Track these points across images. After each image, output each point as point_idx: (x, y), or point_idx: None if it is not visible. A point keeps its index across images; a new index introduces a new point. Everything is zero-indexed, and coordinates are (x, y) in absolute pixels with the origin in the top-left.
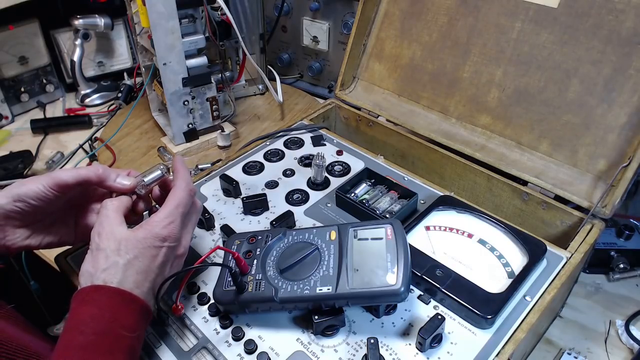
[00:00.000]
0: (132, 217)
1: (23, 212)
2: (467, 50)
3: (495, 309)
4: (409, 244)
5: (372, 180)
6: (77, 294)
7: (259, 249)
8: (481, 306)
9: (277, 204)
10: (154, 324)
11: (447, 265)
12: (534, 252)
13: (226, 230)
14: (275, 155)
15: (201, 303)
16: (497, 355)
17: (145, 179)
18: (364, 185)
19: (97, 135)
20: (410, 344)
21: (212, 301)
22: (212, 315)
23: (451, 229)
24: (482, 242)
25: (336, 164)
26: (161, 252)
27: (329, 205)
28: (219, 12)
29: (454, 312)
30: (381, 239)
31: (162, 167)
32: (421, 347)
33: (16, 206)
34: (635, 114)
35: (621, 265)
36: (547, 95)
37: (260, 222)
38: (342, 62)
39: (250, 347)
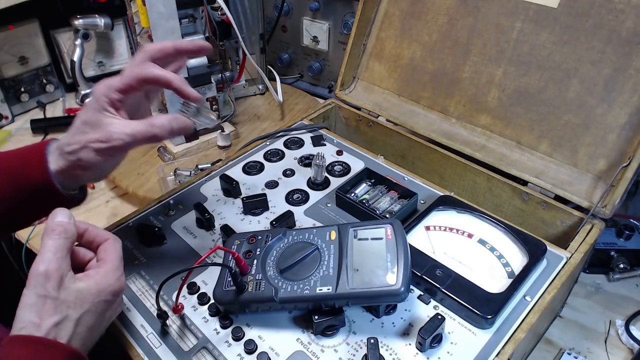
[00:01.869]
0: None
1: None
2: (467, 50)
3: (495, 309)
4: (409, 244)
5: (372, 180)
6: (5, 341)
7: (259, 249)
8: (481, 306)
9: (277, 204)
10: (154, 324)
11: (447, 265)
12: (534, 252)
13: (226, 230)
14: (275, 155)
15: (201, 303)
16: (497, 355)
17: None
18: (364, 185)
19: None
20: (410, 344)
21: (212, 301)
22: (212, 315)
23: (451, 229)
24: (482, 242)
25: (336, 164)
26: (111, 307)
27: (329, 205)
28: (219, 12)
29: (454, 312)
30: (381, 239)
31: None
32: (421, 347)
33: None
34: (635, 114)
35: (621, 265)
36: (547, 95)
37: (260, 222)
38: (342, 62)
39: (250, 347)
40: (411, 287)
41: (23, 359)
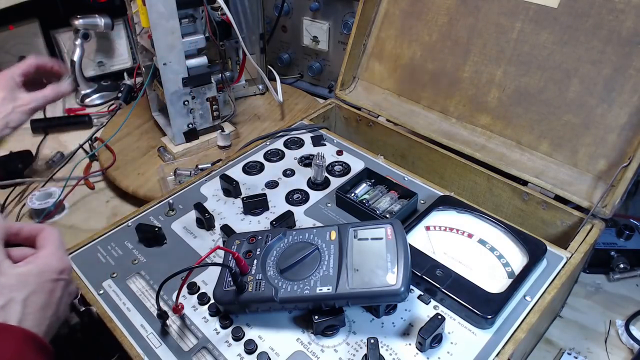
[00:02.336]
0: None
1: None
2: (467, 50)
3: (495, 309)
4: (409, 244)
5: (372, 180)
6: None
7: (259, 249)
8: (481, 306)
9: (277, 204)
10: (154, 324)
11: (447, 265)
12: (534, 252)
13: (226, 230)
14: (275, 155)
15: (201, 303)
16: (497, 355)
17: None
18: (364, 185)
19: (97, 135)
20: (410, 344)
21: (212, 301)
22: (212, 315)
23: (451, 229)
24: (482, 242)
25: (336, 164)
26: (58, 285)
27: (329, 205)
28: (219, 12)
29: (454, 312)
30: (381, 239)
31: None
32: (421, 347)
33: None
34: (636, 114)
35: (621, 265)
36: (547, 95)
37: (260, 222)
38: (342, 62)
39: (250, 347)
40: (411, 287)
41: None
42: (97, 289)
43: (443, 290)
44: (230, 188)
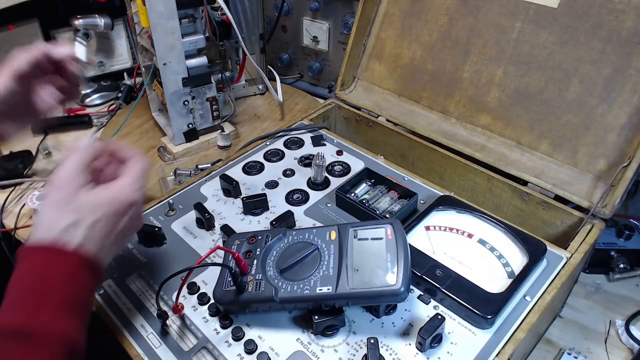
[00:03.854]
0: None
1: (3, 110)
2: (467, 50)
3: (495, 309)
4: (409, 244)
5: (372, 180)
6: (16, 253)
7: (259, 249)
8: (481, 306)
9: (277, 204)
10: (154, 324)
11: (447, 265)
12: (534, 252)
13: (226, 230)
14: (275, 155)
15: (201, 303)
16: (497, 355)
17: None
18: (364, 185)
19: (97, 135)
20: (410, 344)
21: (212, 301)
22: (212, 315)
23: (451, 229)
24: (482, 242)
25: (336, 164)
26: (125, 216)
27: (329, 205)
28: (219, 12)
29: (454, 312)
30: (381, 239)
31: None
32: (421, 347)
33: None
34: (636, 113)
35: (621, 265)
36: (547, 95)
37: (260, 222)
38: (342, 62)
39: (250, 347)
40: (411, 287)
41: (36, 262)
42: (97, 289)
43: (443, 290)
44: (230, 188)
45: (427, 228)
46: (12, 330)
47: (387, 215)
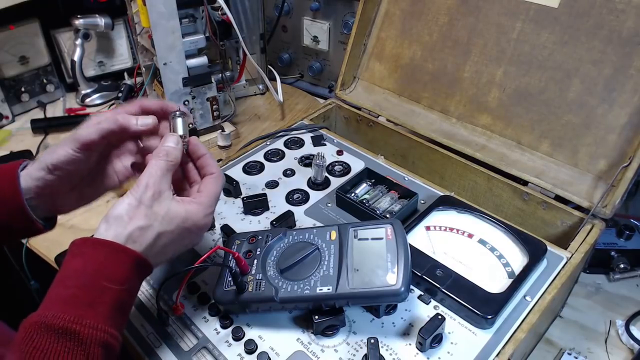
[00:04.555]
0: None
1: (64, 178)
2: (467, 50)
3: (496, 309)
4: (409, 244)
5: (373, 180)
6: (71, 244)
7: (259, 249)
8: (481, 306)
9: (277, 204)
10: (154, 324)
11: (447, 265)
12: (534, 252)
13: (226, 230)
14: (275, 155)
15: (201, 303)
16: (497, 355)
17: (180, 132)
18: (364, 185)
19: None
20: (410, 344)
21: (212, 301)
22: (212, 315)
23: (451, 229)
24: (482, 242)
25: (336, 164)
26: (190, 237)
27: (329, 205)
28: (219, 12)
29: (454, 312)
30: (381, 239)
31: (177, 113)
32: (421, 347)
33: (55, 175)
34: (636, 113)
35: (621, 265)
36: (547, 95)
37: (261, 222)
38: (342, 62)
39: (251, 347)
40: (411, 287)
41: (94, 258)
42: None
43: (443, 290)
44: (231, 188)
45: (428, 228)
46: (61, 327)
47: (388, 215)
